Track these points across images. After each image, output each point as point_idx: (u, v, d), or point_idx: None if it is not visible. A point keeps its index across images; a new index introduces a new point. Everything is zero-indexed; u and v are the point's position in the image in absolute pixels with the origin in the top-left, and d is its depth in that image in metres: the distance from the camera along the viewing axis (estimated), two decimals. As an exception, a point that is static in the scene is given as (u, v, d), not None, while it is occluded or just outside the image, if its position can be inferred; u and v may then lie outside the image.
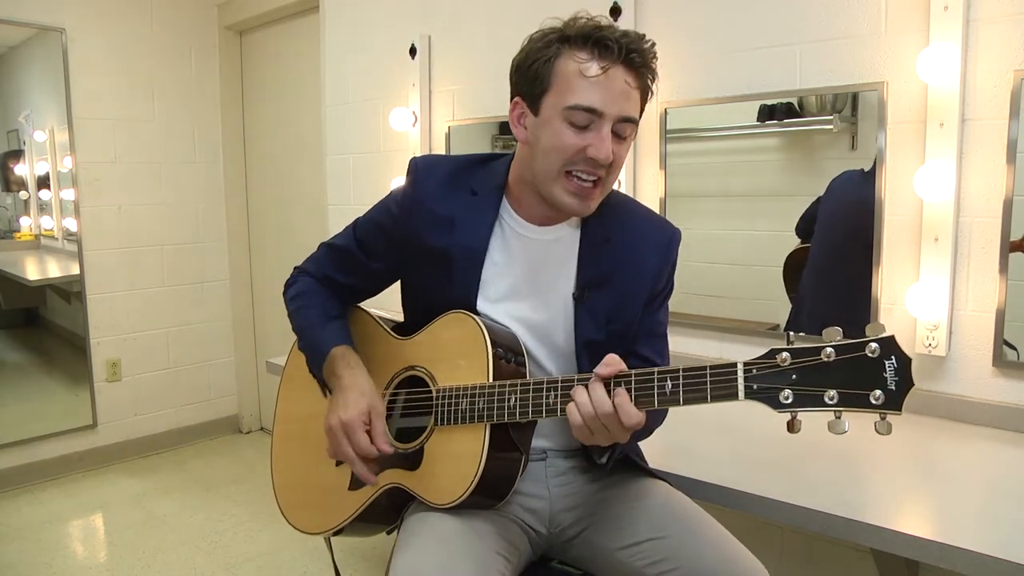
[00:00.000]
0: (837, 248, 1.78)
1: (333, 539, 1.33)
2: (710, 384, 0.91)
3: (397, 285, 1.31)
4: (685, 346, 1.97)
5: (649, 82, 1.10)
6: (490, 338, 1.10)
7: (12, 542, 2.59)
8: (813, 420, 0.88)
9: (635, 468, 1.25)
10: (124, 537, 2.63)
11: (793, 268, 1.81)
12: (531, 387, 1.05)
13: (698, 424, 1.56)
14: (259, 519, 2.75)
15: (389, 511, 1.23)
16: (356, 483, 1.21)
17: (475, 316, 1.14)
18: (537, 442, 1.18)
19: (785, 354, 0.86)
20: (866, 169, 1.67)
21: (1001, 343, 1.53)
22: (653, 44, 1.09)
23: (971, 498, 1.24)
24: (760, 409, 0.89)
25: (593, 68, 1.04)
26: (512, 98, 1.14)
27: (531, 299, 1.18)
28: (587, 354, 1.16)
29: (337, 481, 1.23)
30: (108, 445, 3.31)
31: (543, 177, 1.11)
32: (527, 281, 1.19)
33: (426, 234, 1.19)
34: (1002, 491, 1.25)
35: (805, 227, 1.79)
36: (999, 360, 1.53)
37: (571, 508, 1.20)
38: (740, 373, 0.89)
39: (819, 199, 1.75)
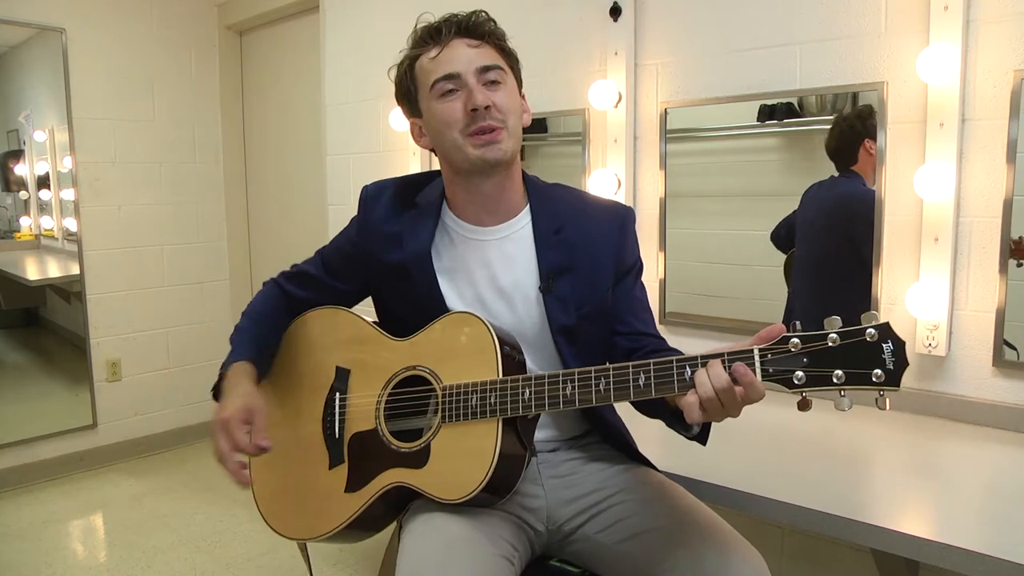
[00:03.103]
0: (820, 251, 1.80)
1: (321, 544, 1.32)
2: (728, 369, 0.93)
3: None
4: (685, 346, 1.96)
5: (492, 34, 1.18)
6: (497, 336, 1.12)
7: (12, 542, 2.59)
8: (814, 420, 0.89)
9: (629, 459, 1.26)
10: (124, 537, 2.63)
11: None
12: (546, 380, 1.06)
13: (698, 424, 1.56)
14: (259, 519, 2.74)
15: (388, 513, 1.22)
16: (353, 485, 1.20)
17: (479, 315, 1.15)
18: None
19: (795, 340, 0.92)
20: (836, 175, 1.70)
21: (1001, 343, 1.53)
22: (483, 11, 1.18)
23: (971, 498, 1.24)
24: (761, 408, 0.91)
25: (433, 51, 1.16)
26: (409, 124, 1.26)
27: (497, 300, 1.21)
28: (564, 340, 1.19)
29: (331, 484, 1.22)
30: (108, 445, 3.31)
31: (453, 153, 1.18)
32: (488, 283, 1.22)
33: (382, 254, 1.25)
34: (1002, 491, 1.25)
35: (786, 235, 1.81)
36: (999, 360, 1.53)
37: (568, 503, 1.20)
38: (757, 358, 0.93)
39: (795, 211, 1.78)
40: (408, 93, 1.21)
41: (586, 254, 1.21)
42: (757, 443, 1.48)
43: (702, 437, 1.11)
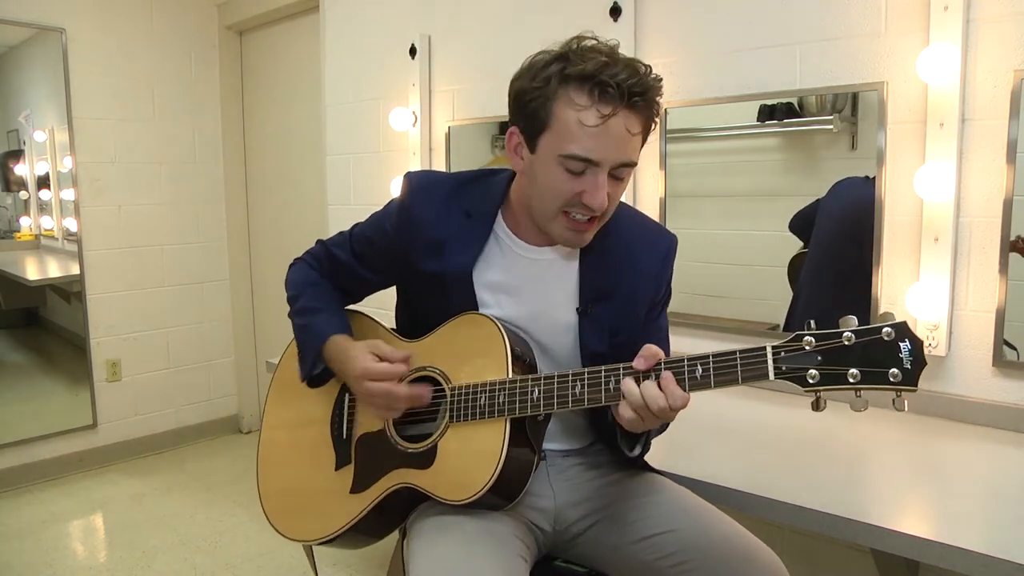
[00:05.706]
0: (833, 249, 1.79)
1: (324, 548, 1.31)
2: (741, 367, 0.94)
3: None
4: (685, 346, 1.96)
5: (655, 112, 1.09)
6: (508, 337, 1.11)
7: (12, 542, 2.59)
8: (815, 420, 0.89)
9: (637, 465, 1.25)
10: (124, 537, 2.63)
11: (798, 270, 1.81)
12: (555, 379, 1.05)
13: (699, 424, 1.56)
14: (259, 519, 2.73)
15: (392, 516, 1.22)
16: (359, 486, 1.20)
17: (490, 317, 1.14)
18: None
19: (809, 338, 0.91)
20: (870, 176, 1.67)
21: (1001, 343, 1.53)
22: (659, 80, 1.07)
23: (971, 498, 1.24)
24: (761, 409, 0.91)
25: (591, 117, 1.01)
26: (510, 125, 1.13)
27: (536, 317, 1.19)
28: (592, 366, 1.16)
29: (336, 485, 1.22)
30: (108, 445, 3.31)
31: (540, 213, 1.12)
32: (530, 299, 1.19)
33: (419, 257, 1.20)
34: (1002, 491, 1.25)
35: (801, 224, 1.79)
36: (999, 360, 1.53)
37: (577, 504, 1.20)
38: (769, 356, 0.92)
39: (819, 200, 1.75)
40: (534, 116, 1.05)
41: (627, 281, 1.19)
42: (757, 444, 1.47)
43: (641, 455, 1.16)
